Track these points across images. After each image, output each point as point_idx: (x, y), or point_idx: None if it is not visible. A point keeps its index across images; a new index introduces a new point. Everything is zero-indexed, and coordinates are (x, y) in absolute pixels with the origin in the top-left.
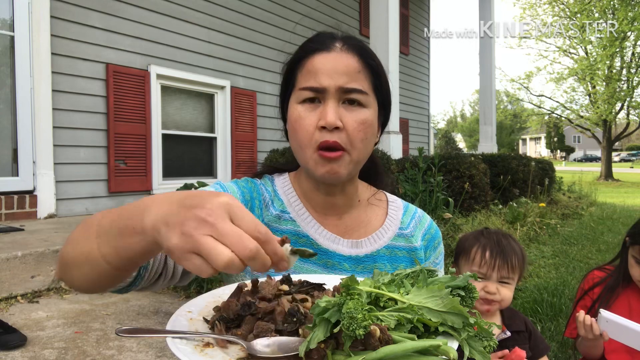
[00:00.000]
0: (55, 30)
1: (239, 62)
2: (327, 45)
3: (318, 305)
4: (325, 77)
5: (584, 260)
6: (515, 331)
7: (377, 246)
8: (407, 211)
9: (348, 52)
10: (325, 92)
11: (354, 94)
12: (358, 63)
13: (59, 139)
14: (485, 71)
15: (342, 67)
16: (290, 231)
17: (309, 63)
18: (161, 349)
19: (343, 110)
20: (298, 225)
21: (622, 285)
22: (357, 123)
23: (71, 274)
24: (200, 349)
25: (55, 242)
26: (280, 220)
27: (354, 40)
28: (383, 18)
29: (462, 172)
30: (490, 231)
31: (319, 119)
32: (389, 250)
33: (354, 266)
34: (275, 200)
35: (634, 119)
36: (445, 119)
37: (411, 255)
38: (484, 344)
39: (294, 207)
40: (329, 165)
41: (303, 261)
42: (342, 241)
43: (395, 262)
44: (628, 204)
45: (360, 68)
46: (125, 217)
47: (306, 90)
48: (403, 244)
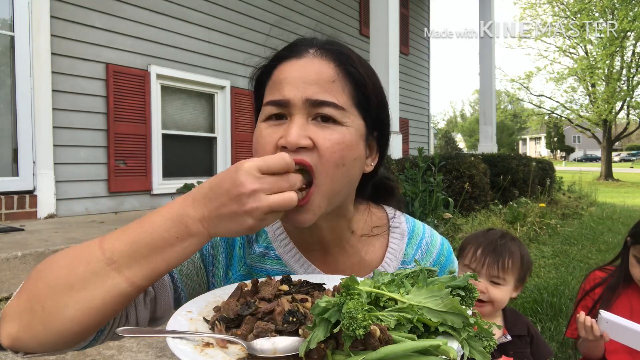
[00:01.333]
0: (55, 30)
1: (239, 62)
2: (300, 51)
3: (318, 305)
4: (291, 88)
5: (584, 260)
6: (517, 335)
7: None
8: (412, 238)
9: (322, 57)
10: (290, 105)
11: (325, 108)
12: (333, 70)
13: (59, 139)
14: (485, 71)
15: (311, 75)
16: (277, 272)
17: (276, 73)
18: (161, 349)
19: (313, 127)
20: (284, 264)
21: (623, 285)
22: (330, 142)
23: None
24: (200, 349)
25: (55, 242)
26: (264, 258)
27: (333, 44)
28: (383, 18)
29: (462, 172)
30: (493, 231)
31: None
32: None
33: None
34: (260, 234)
35: (634, 119)
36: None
37: None
38: (484, 344)
39: (280, 241)
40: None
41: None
42: (333, 278)
43: None
44: (628, 204)
45: (335, 77)
46: (150, 233)
47: (270, 105)
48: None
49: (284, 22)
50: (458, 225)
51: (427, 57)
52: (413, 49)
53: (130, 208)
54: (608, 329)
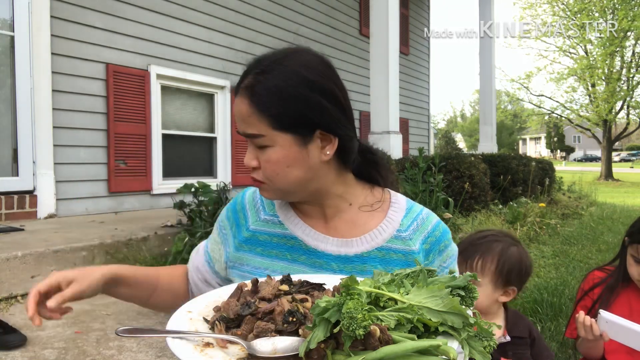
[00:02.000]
0: (55, 30)
1: (239, 62)
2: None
3: (318, 305)
4: (238, 124)
5: (584, 260)
6: (517, 337)
7: (369, 247)
8: (410, 212)
9: (242, 96)
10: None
11: (254, 139)
12: (249, 107)
13: (59, 139)
14: (485, 71)
15: (238, 114)
16: (279, 234)
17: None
18: (161, 349)
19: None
20: (286, 228)
21: (622, 285)
22: (265, 162)
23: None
24: (200, 349)
25: (55, 242)
26: (269, 223)
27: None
28: (383, 18)
29: (462, 172)
30: (481, 231)
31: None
32: (382, 252)
33: (342, 266)
34: (267, 206)
35: (634, 119)
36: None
37: (407, 259)
38: (484, 344)
39: (284, 211)
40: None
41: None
42: (330, 240)
43: (388, 264)
44: (628, 204)
45: (250, 112)
46: None
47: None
48: (400, 246)
49: (285, 23)
50: (458, 225)
51: (427, 57)
52: (413, 49)
53: (130, 208)
54: (607, 328)
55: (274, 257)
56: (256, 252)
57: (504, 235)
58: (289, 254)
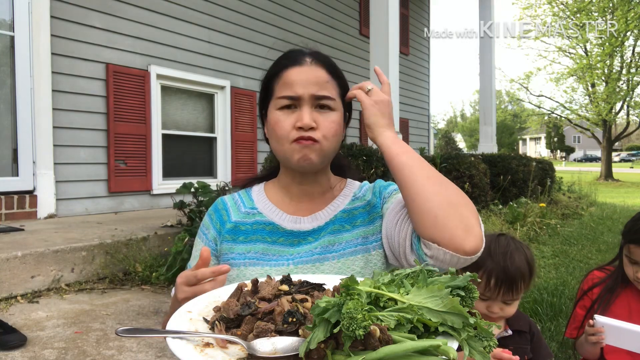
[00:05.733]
0: (55, 30)
1: (239, 62)
2: (299, 60)
3: (318, 306)
4: (300, 87)
5: (584, 260)
6: (517, 330)
7: (334, 212)
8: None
9: (317, 65)
10: (300, 99)
11: (324, 100)
12: (326, 74)
13: (59, 139)
14: (485, 71)
15: (313, 78)
16: (258, 222)
17: (284, 76)
18: (161, 349)
19: (316, 113)
20: (264, 216)
21: (622, 286)
22: (329, 122)
23: None
24: (200, 349)
25: (55, 242)
26: (249, 215)
27: (321, 55)
28: (383, 18)
29: (462, 172)
30: (497, 249)
31: (296, 121)
32: (346, 213)
33: (316, 235)
34: (246, 201)
35: (634, 119)
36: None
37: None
38: (484, 344)
39: (263, 204)
40: (302, 152)
41: (271, 244)
42: (302, 219)
43: (354, 220)
44: (628, 204)
45: (328, 78)
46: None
47: (284, 99)
48: (359, 204)
49: (285, 23)
50: None
51: (427, 57)
52: (413, 49)
53: (130, 208)
54: (604, 334)
55: (255, 241)
56: (238, 241)
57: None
58: (268, 237)
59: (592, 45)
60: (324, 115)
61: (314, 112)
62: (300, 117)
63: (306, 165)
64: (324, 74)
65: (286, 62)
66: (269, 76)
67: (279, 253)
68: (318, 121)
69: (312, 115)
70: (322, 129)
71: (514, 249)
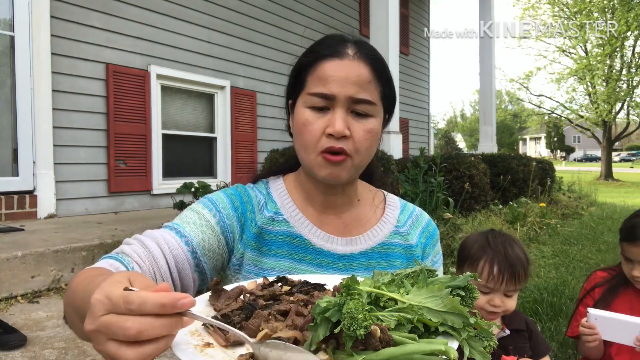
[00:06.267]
0: (55, 30)
1: (239, 62)
2: (339, 52)
3: (318, 305)
4: (336, 86)
5: (584, 260)
6: (515, 330)
7: (372, 243)
8: (405, 210)
9: (360, 60)
10: (335, 100)
11: (362, 105)
12: (369, 73)
13: (59, 139)
14: (485, 71)
15: (353, 76)
16: (284, 232)
17: (319, 69)
18: None
19: (351, 119)
20: (292, 226)
21: (624, 286)
22: (364, 132)
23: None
24: (201, 349)
25: (55, 242)
26: (274, 222)
27: (366, 47)
28: (383, 18)
29: (462, 172)
30: (496, 239)
31: (326, 126)
32: (384, 248)
33: (347, 264)
34: (268, 203)
35: (634, 119)
36: (445, 119)
37: (407, 252)
38: (484, 344)
39: (288, 209)
40: (331, 168)
41: (297, 261)
42: (336, 240)
43: (390, 258)
44: (628, 204)
45: (371, 78)
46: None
47: (316, 97)
48: (399, 241)
49: (285, 23)
50: (458, 225)
51: (427, 57)
52: (413, 49)
53: (130, 208)
54: (599, 327)
55: (280, 256)
56: (263, 252)
57: (509, 237)
58: (295, 254)
59: (592, 45)
60: (360, 122)
61: (348, 117)
62: (332, 122)
63: (333, 181)
64: (367, 72)
65: (323, 52)
66: (302, 65)
67: (305, 274)
68: (352, 129)
69: (346, 121)
70: (355, 139)
71: (510, 239)
